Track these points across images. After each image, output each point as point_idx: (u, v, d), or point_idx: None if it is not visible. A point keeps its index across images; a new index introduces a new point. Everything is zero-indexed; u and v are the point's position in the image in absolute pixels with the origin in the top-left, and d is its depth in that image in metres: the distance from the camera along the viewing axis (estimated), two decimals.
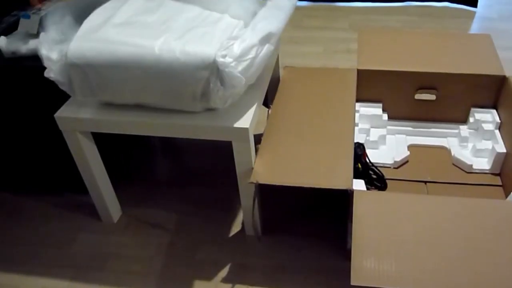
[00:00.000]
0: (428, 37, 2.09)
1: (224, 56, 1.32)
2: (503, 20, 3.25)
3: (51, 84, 1.48)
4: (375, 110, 1.96)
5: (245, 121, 1.46)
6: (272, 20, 1.47)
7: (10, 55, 1.65)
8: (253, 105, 1.53)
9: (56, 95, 1.56)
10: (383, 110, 1.98)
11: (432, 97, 1.93)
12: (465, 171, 1.83)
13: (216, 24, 1.46)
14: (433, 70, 1.87)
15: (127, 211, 1.92)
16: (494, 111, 1.88)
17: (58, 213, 1.94)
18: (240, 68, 1.33)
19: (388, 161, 1.87)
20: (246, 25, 1.46)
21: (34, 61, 1.59)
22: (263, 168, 1.52)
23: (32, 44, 1.66)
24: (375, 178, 1.79)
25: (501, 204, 1.37)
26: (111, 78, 1.40)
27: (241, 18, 1.49)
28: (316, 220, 1.81)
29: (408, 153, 1.89)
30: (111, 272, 1.70)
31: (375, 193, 1.65)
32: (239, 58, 1.33)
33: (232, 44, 1.34)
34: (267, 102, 1.99)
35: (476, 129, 1.91)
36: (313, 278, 1.62)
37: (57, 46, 1.44)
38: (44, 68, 1.43)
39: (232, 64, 1.31)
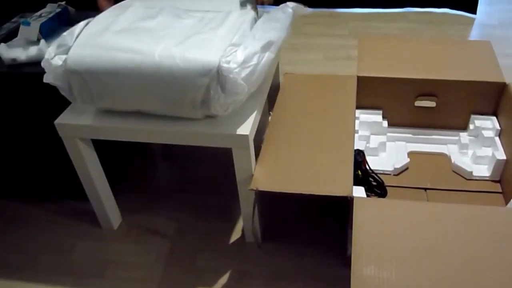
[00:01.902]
0: (428, 44, 2.09)
1: (228, 62, 1.32)
2: (503, 27, 3.26)
3: (51, 91, 1.48)
4: (375, 117, 1.96)
5: (245, 128, 1.46)
6: (270, 29, 1.47)
7: (10, 62, 1.65)
8: (253, 112, 1.53)
9: (56, 102, 1.56)
10: (383, 117, 1.98)
11: (432, 104, 1.93)
12: (465, 178, 1.83)
13: (215, 30, 1.46)
14: (433, 77, 1.87)
15: (127, 218, 1.92)
16: (494, 118, 1.89)
17: (58, 220, 1.93)
18: (243, 74, 1.33)
19: (388, 168, 1.87)
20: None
21: (34, 68, 1.59)
22: (263, 175, 1.52)
23: (32, 51, 1.66)
24: (375, 185, 1.79)
25: (501, 211, 1.37)
26: (111, 84, 1.40)
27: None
28: (316, 227, 1.81)
29: (408, 160, 1.89)
30: (111, 279, 1.70)
31: (375, 200, 1.65)
32: (242, 65, 1.33)
33: (236, 51, 1.35)
34: (267, 109, 1.99)
35: (476, 136, 1.91)
36: (313, 285, 1.62)
37: (58, 51, 1.44)
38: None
39: (236, 70, 1.31)
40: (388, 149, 1.95)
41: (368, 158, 1.84)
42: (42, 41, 1.69)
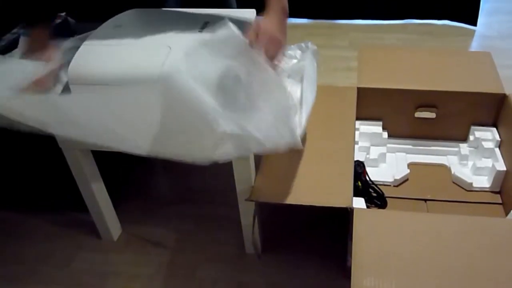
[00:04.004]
0: (428, 55, 2.10)
1: None
2: (503, 38, 3.26)
3: None
4: (375, 128, 1.96)
5: None
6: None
7: None
8: None
9: None
10: (383, 128, 1.98)
11: (432, 115, 1.93)
12: (465, 189, 1.83)
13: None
14: (433, 88, 1.87)
15: (127, 229, 1.92)
16: (494, 129, 1.88)
17: (57, 231, 1.93)
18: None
19: (388, 179, 1.87)
20: None
21: None
22: (263, 186, 1.52)
23: None
24: (375, 196, 1.78)
25: (501, 222, 1.37)
26: None
27: None
28: (316, 238, 1.81)
29: (408, 171, 1.88)
30: None
31: (375, 211, 1.64)
32: None
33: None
34: None
35: (476, 147, 1.91)
36: None
37: None
38: None
39: None
40: (388, 160, 1.95)
41: (368, 169, 1.84)
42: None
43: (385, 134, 1.97)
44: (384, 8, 3.49)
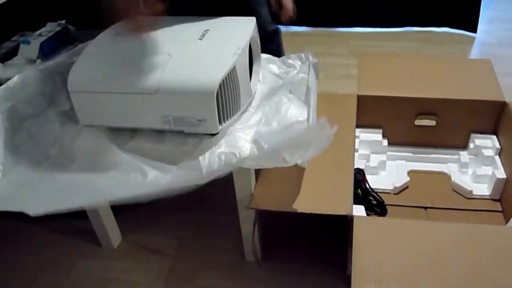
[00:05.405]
0: (428, 63, 2.10)
1: None
2: (503, 45, 3.27)
3: None
4: (375, 136, 1.96)
5: None
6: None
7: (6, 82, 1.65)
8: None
9: None
10: (383, 136, 1.98)
11: (432, 122, 1.93)
12: (465, 197, 1.83)
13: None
14: (433, 95, 1.87)
15: (127, 236, 1.91)
16: (494, 137, 1.89)
17: (58, 238, 1.93)
18: None
19: (388, 186, 1.87)
20: None
21: None
22: (263, 194, 1.52)
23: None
24: (375, 204, 1.78)
25: (501, 230, 1.37)
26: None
27: None
28: (316, 245, 1.81)
29: (408, 178, 1.88)
30: None
31: (375, 218, 1.64)
32: None
33: None
34: None
35: (476, 155, 1.91)
36: None
37: None
38: None
39: None
40: (388, 168, 1.95)
41: (368, 177, 1.84)
42: (38, 60, 1.69)
43: (385, 142, 1.97)
44: (384, 15, 3.50)
